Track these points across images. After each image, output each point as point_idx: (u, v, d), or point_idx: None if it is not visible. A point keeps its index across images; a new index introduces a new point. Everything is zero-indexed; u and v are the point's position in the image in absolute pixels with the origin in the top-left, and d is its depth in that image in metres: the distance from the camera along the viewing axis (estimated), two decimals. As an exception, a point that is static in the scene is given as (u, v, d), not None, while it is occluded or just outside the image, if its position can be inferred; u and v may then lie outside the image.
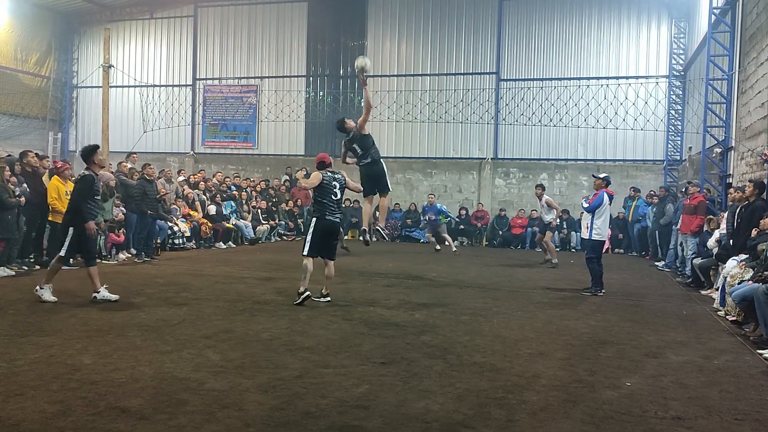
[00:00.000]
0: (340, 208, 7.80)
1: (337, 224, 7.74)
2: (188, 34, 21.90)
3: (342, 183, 7.69)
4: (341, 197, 7.75)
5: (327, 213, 7.53)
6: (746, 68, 11.11)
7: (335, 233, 7.79)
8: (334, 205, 7.58)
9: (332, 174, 7.67)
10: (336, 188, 7.57)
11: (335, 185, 7.57)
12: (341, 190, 7.67)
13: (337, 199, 7.63)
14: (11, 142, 19.37)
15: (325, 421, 3.69)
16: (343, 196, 7.90)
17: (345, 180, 7.78)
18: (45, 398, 3.91)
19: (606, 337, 6.23)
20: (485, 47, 19.11)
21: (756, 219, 8.06)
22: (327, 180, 7.56)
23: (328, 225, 7.56)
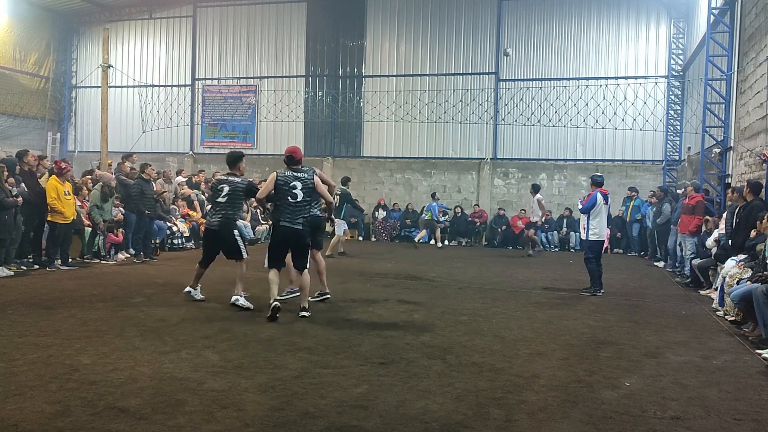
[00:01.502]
0: (306, 211, 6.63)
1: (299, 230, 6.57)
2: (187, 34, 21.88)
3: (308, 183, 6.57)
4: (306, 198, 6.58)
5: (282, 218, 6.57)
6: (745, 68, 11.12)
7: (297, 240, 6.65)
8: (292, 208, 6.51)
9: (294, 173, 6.60)
10: (296, 189, 6.51)
11: (295, 185, 6.50)
12: (306, 191, 6.56)
13: (297, 201, 6.51)
14: (10, 142, 19.36)
15: (324, 422, 3.69)
16: (314, 198, 6.81)
17: (313, 180, 6.62)
18: (44, 398, 3.90)
19: (605, 337, 6.23)
20: (484, 47, 19.11)
21: (754, 219, 8.07)
22: (283, 180, 6.56)
23: (284, 232, 6.58)
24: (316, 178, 6.66)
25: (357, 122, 20.02)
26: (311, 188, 6.62)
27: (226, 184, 7.16)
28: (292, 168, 6.65)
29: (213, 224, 7.28)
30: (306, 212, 6.64)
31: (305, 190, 6.58)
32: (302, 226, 6.58)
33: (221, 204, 7.21)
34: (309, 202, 6.69)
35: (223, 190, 7.08)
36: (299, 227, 6.57)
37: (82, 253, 11.20)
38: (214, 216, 7.28)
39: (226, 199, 7.18)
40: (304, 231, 6.63)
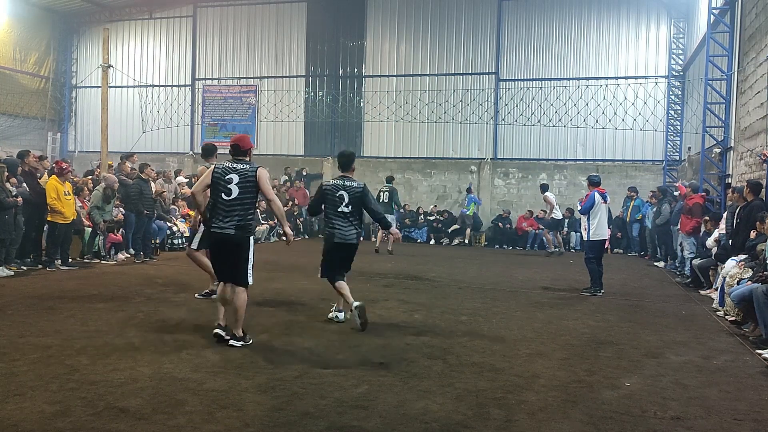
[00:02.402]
0: (242, 212, 5.33)
1: (231, 236, 5.29)
2: (187, 34, 21.88)
3: (248, 176, 5.33)
4: (245, 197, 5.34)
5: (215, 220, 5.35)
6: (745, 68, 11.11)
7: (231, 247, 5.36)
8: (226, 208, 5.30)
9: (233, 164, 5.41)
10: (232, 183, 5.32)
11: (231, 179, 5.31)
12: (244, 187, 5.32)
13: (232, 198, 5.29)
14: (10, 142, 19.37)
15: (324, 422, 3.69)
16: (256, 196, 5.50)
17: (256, 173, 5.35)
18: (44, 398, 3.90)
19: (605, 338, 6.23)
20: (484, 47, 19.11)
21: (754, 219, 8.06)
22: (219, 174, 5.37)
23: (216, 238, 5.39)
24: (262, 172, 5.38)
25: (357, 122, 20.02)
26: (251, 183, 5.32)
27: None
28: (236, 159, 5.46)
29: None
30: (242, 214, 5.32)
31: (243, 185, 5.31)
32: (234, 230, 5.29)
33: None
34: (245, 202, 5.33)
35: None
36: (231, 233, 5.29)
37: (83, 253, 11.21)
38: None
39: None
40: (235, 237, 5.30)
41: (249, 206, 5.42)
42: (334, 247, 6.43)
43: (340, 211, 6.35)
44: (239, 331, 5.41)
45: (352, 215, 6.40)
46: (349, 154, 6.72)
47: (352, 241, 6.45)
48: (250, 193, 5.39)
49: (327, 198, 6.42)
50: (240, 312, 5.40)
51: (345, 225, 6.39)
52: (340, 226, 6.38)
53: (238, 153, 5.51)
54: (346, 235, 6.40)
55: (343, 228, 6.38)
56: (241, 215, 5.34)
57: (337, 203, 6.36)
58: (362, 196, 6.42)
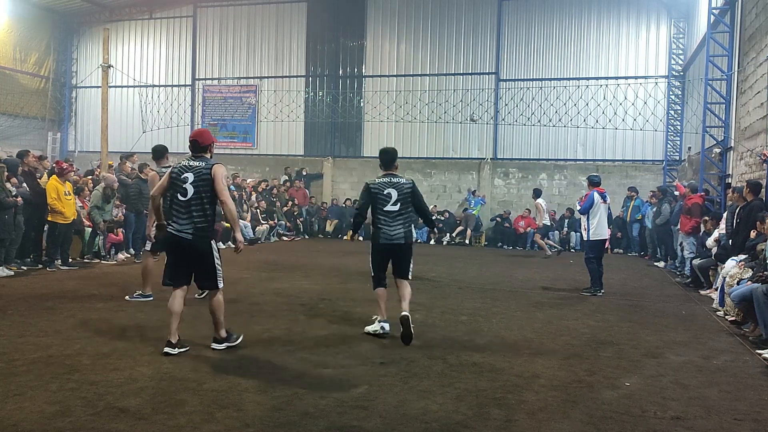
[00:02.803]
0: (197, 214, 4.97)
1: (190, 241, 4.95)
2: (187, 34, 21.89)
3: (203, 174, 4.98)
4: (200, 197, 4.97)
5: (172, 222, 5.04)
6: (745, 68, 11.11)
7: (191, 252, 5.03)
8: (183, 209, 4.98)
9: (189, 162, 5.06)
10: (187, 182, 4.96)
11: (187, 178, 4.97)
12: (201, 186, 4.97)
13: (188, 199, 4.95)
14: (10, 142, 19.37)
15: (324, 422, 3.69)
16: (215, 195, 5.03)
17: (211, 171, 4.98)
18: (44, 398, 3.90)
19: (605, 338, 6.23)
20: (484, 47, 19.11)
21: (753, 219, 8.06)
22: (176, 174, 5.03)
23: (172, 241, 5.04)
24: (217, 169, 5.00)
25: (357, 122, 20.03)
26: (207, 181, 4.96)
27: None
28: (195, 157, 5.10)
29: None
30: (200, 215, 4.97)
31: (198, 184, 4.96)
32: (192, 234, 4.95)
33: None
34: (202, 202, 4.99)
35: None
36: (187, 235, 4.95)
37: (83, 253, 11.21)
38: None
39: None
40: (193, 240, 4.96)
41: (207, 207, 5.01)
42: (380, 249, 6.05)
43: (386, 210, 5.94)
44: (221, 332, 5.24)
45: (399, 214, 5.99)
46: (391, 151, 6.28)
47: (399, 241, 5.99)
48: (206, 193, 4.99)
49: (374, 197, 5.99)
50: (217, 315, 5.20)
51: (392, 224, 5.98)
52: (387, 226, 5.97)
53: (197, 149, 5.12)
54: (393, 235, 5.97)
55: (389, 228, 5.97)
56: (199, 217, 4.97)
57: (384, 202, 5.95)
58: (412, 192, 6.05)
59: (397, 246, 5.99)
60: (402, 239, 6.00)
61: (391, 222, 5.96)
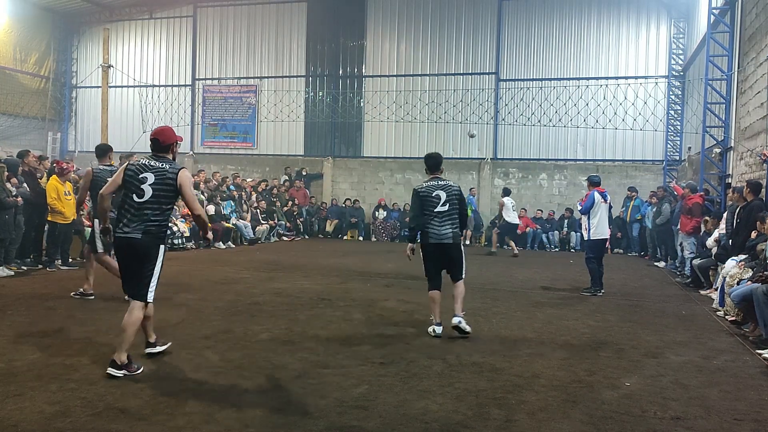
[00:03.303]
0: (152, 216, 4.60)
1: (138, 240, 4.57)
2: (187, 34, 21.89)
3: (166, 177, 4.64)
4: (158, 200, 4.62)
5: (121, 223, 4.64)
6: (745, 68, 11.11)
7: (136, 253, 4.63)
8: (135, 210, 4.60)
9: (150, 162, 4.69)
10: (146, 183, 4.61)
11: (146, 179, 4.61)
12: (162, 189, 4.63)
13: (144, 200, 4.59)
14: (10, 142, 19.37)
15: (324, 422, 3.69)
16: (174, 201, 4.78)
17: (177, 176, 4.66)
18: (44, 399, 3.90)
19: (605, 338, 6.23)
20: (484, 47, 19.11)
21: (754, 219, 8.06)
22: (133, 173, 4.66)
23: (120, 244, 4.67)
24: (184, 175, 4.69)
25: (357, 122, 20.02)
26: (170, 186, 4.62)
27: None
28: (156, 156, 4.78)
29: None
30: (153, 218, 4.61)
31: (159, 187, 4.60)
32: (141, 234, 4.56)
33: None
34: (160, 206, 4.63)
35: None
36: (137, 236, 4.56)
37: (83, 253, 11.19)
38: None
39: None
40: (142, 241, 4.56)
41: (163, 211, 4.65)
42: (430, 249, 6.22)
43: (436, 211, 6.17)
44: (121, 356, 4.40)
45: (448, 214, 6.19)
46: (437, 156, 6.61)
47: (447, 240, 6.16)
48: (166, 197, 4.65)
49: (423, 201, 6.22)
50: (127, 333, 4.49)
51: (440, 225, 6.18)
52: (436, 226, 6.17)
53: (159, 149, 4.78)
54: (441, 234, 6.16)
55: (438, 228, 6.16)
56: (152, 220, 4.59)
57: (434, 204, 6.19)
58: (460, 195, 6.35)
59: (446, 246, 6.16)
60: (450, 239, 6.18)
61: (440, 223, 6.16)
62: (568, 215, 17.24)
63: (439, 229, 6.16)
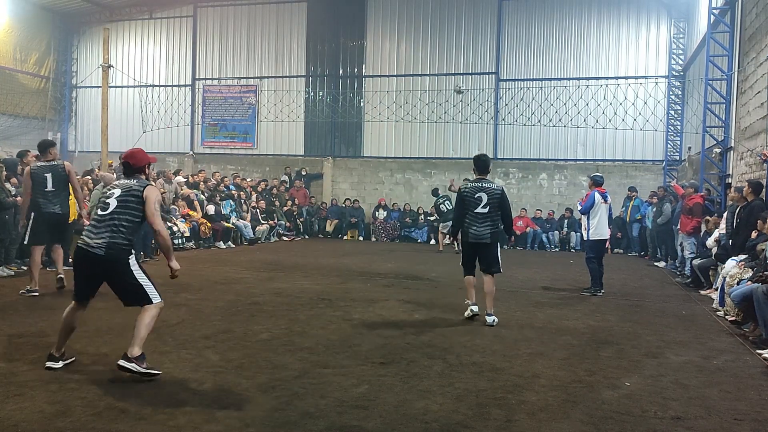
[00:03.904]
0: (123, 231, 4.55)
1: (101, 257, 4.48)
2: (187, 34, 21.88)
3: (134, 191, 4.59)
4: (122, 211, 4.55)
5: (85, 233, 4.64)
6: (745, 68, 11.11)
7: (102, 268, 4.56)
8: (99, 223, 4.56)
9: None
10: (112, 197, 4.60)
11: (113, 194, 4.61)
12: (124, 202, 4.56)
13: (107, 213, 4.55)
14: (10, 142, 19.36)
15: (324, 422, 3.69)
16: (139, 215, 4.61)
17: (143, 194, 4.57)
18: (44, 398, 3.90)
19: (605, 337, 6.23)
20: (485, 47, 19.11)
21: (754, 219, 8.06)
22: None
23: (80, 254, 4.59)
24: (150, 191, 4.64)
25: (357, 122, 20.02)
26: (137, 200, 4.56)
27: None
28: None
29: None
30: (116, 232, 4.53)
31: (125, 198, 4.58)
32: (105, 251, 4.47)
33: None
34: (124, 219, 4.56)
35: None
36: (99, 252, 4.48)
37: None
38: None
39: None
40: (106, 257, 4.47)
41: (127, 225, 4.54)
42: (469, 247, 6.77)
43: (477, 212, 6.61)
44: (135, 350, 4.38)
45: (488, 216, 6.65)
46: (486, 158, 6.97)
47: (485, 240, 6.66)
48: (131, 211, 4.55)
49: (466, 201, 6.66)
50: (141, 330, 4.49)
51: (480, 225, 6.64)
52: (476, 226, 6.64)
53: (130, 172, 4.76)
54: (480, 234, 6.64)
55: (478, 227, 6.64)
56: (114, 234, 4.49)
57: (475, 204, 6.62)
58: (501, 198, 6.75)
59: (483, 245, 6.70)
60: (488, 239, 6.71)
61: (479, 223, 6.65)
62: (568, 215, 17.23)
63: (478, 229, 6.63)
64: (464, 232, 6.73)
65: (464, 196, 6.73)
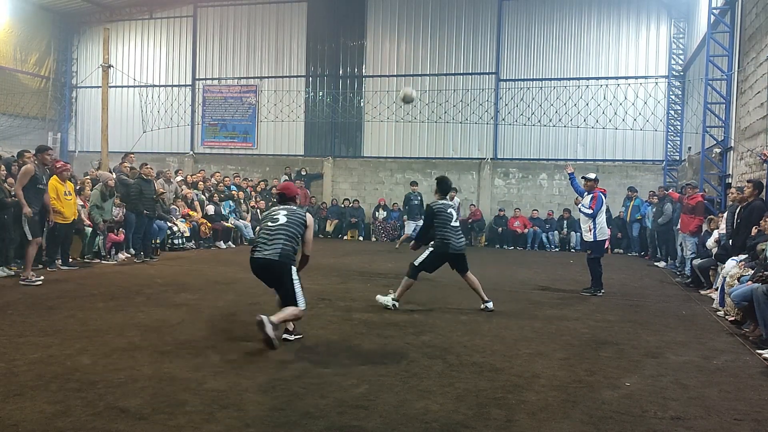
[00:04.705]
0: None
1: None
2: (188, 34, 21.89)
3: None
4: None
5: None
6: (745, 68, 11.11)
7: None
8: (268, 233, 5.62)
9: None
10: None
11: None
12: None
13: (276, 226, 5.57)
14: (10, 142, 19.36)
15: (324, 422, 3.69)
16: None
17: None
18: (44, 398, 3.90)
19: (605, 338, 6.23)
20: (485, 47, 19.11)
21: (755, 219, 8.06)
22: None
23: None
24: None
25: (357, 122, 20.02)
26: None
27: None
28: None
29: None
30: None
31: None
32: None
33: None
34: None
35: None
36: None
37: (83, 253, 11.20)
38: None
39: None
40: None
41: (292, 239, 5.57)
42: (447, 255, 7.39)
43: (452, 225, 7.35)
44: (274, 318, 5.17)
45: (460, 228, 7.57)
46: (450, 181, 7.76)
47: (463, 250, 7.52)
48: (295, 227, 5.61)
49: (439, 216, 7.34)
50: (285, 312, 5.38)
51: (458, 237, 7.41)
52: (455, 238, 7.35)
53: (285, 200, 5.92)
54: (461, 246, 7.46)
55: (456, 239, 7.38)
56: (285, 244, 5.52)
57: (449, 219, 7.35)
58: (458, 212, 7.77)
59: (461, 254, 7.50)
60: (465, 248, 7.64)
61: (457, 235, 7.41)
62: (567, 216, 17.22)
63: (457, 241, 7.38)
64: (443, 244, 7.31)
65: (438, 212, 7.34)
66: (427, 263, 7.44)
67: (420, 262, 7.42)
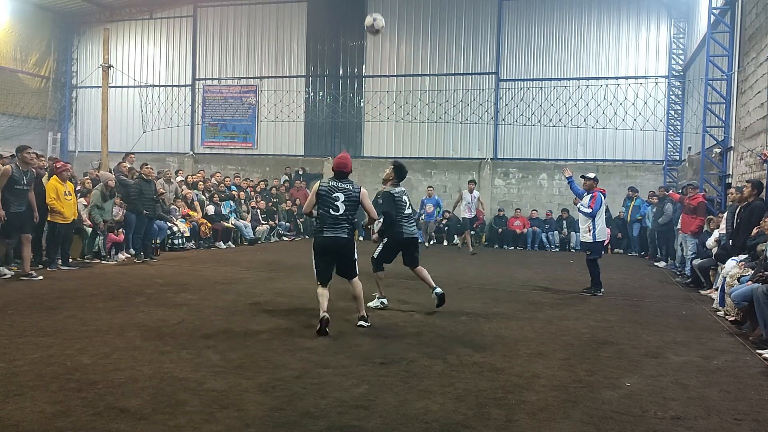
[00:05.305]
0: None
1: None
2: (188, 34, 21.89)
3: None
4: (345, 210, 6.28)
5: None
6: (745, 68, 11.11)
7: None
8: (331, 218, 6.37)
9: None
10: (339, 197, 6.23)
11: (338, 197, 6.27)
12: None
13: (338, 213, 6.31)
14: (10, 142, 19.32)
15: (324, 422, 3.69)
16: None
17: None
18: (44, 398, 3.90)
19: (605, 338, 6.23)
20: (485, 47, 19.12)
21: (755, 219, 8.06)
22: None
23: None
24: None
25: (357, 122, 20.03)
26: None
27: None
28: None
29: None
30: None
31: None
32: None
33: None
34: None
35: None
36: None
37: (83, 253, 11.20)
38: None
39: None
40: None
41: (351, 217, 6.33)
42: (401, 242, 7.42)
43: (406, 213, 7.39)
44: (364, 312, 6.27)
45: (413, 216, 7.60)
46: (406, 170, 7.78)
47: (414, 235, 7.60)
48: (352, 206, 6.30)
49: (398, 204, 7.32)
50: (361, 298, 6.53)
51: (410, 224, 7.46)
52: (407, 226, 7.41)
53: (343, 176, 6.41)
54: (412, 231, 7.51)
55: (409, 226, 7.44)
56: (349, 224, 6.37)
57: (404, 207, 7.36)
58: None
59: (414, 240, 7.57)
60: (416, 234, 7.71)
61: (410, 223, 7.46)
62: (566, 216, 17.20)
63: (410, 228, 7.47)
64: (397, 232, 7.33)
65: (396, 198, 7.35)
66: (386, 253, 7.54)
67: (378, 254, 7.54)
